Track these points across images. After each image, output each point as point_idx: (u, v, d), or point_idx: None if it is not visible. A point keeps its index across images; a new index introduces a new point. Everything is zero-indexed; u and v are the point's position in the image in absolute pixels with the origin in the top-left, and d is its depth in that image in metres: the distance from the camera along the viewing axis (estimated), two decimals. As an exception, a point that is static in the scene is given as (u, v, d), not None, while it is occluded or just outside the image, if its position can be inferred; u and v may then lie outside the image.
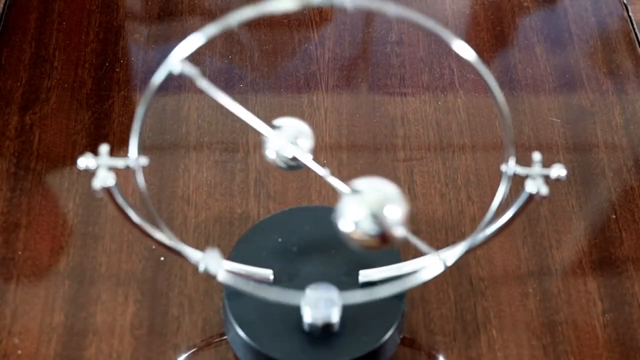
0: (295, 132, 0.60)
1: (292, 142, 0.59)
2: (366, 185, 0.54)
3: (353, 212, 0.53)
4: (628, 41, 0.88)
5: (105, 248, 0.71)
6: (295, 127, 0.60)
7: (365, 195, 0.53)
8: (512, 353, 0.67)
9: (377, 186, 0.54)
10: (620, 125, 0.81)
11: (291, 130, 0.60)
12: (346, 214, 0.53)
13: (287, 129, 0.60)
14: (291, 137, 0.59)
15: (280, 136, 0.59)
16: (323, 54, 0.85)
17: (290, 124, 0.60)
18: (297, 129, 0.60)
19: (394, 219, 0.53)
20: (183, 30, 0.86)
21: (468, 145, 0.79)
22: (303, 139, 0.60)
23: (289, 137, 0.59)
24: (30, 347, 0.66)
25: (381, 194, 0.53)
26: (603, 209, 0.76)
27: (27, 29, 0.86)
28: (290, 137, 0.59)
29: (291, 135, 0.59)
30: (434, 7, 0.89)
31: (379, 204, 0.53)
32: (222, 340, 0.67)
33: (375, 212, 0.53)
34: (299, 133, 0.60)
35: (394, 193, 0.53)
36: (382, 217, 0.53)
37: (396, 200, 0.53)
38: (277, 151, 0.59)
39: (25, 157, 0.77)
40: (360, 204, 0.53)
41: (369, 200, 0.53)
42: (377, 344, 0.63)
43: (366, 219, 0.53)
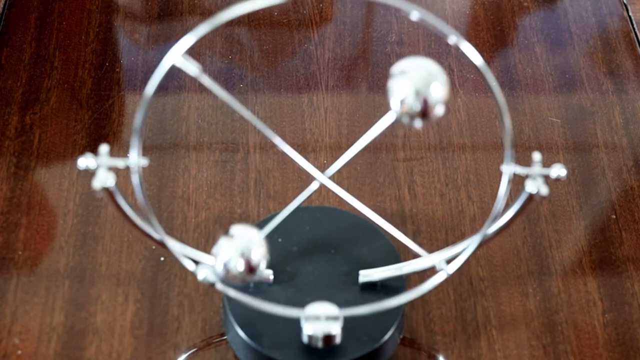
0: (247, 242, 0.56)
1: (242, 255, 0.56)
2: (411, 64, 0.54)
3: (399, 89, 0.53)
4: (628, 41, 0.88)
5: (105, 248, 0.71)
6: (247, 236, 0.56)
7: (411, 74, 0.53)
8: (512, 353, 0.67)
9: (422, 65, 0.54)
10: (620, 125, 0.81)
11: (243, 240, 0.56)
12: (394, 92, 0.54)
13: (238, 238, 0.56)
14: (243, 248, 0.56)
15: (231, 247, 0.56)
16: (323, 54, 0.85)
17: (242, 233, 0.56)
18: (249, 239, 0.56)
19: (437, 96, 0.53)
20: (183, 30, 0.86)
21: (468, 145, 0.79)
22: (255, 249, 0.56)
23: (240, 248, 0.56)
24: (30, 347, 0.66)
25: (426, 72, 0.53)
26: (603, 209, 0.76)
27: (27, 29, 0.86)
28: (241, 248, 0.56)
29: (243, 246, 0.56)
30: (434, 7, 0.89)
31: (423, 81, 0.53)
32: (222, 340, 0.67)
33: (419, 89, 0.53)
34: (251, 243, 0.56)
35: (437, 71, 0.53)
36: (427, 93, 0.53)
37: (439, 78, 0.53)
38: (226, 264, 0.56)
39: (25, 157, 0.77)
40: (406, 81, 0.53)
41: (413, 78, 0.53)
42: (377, 344, 0.63)
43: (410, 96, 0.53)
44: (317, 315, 0.61)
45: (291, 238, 0.67)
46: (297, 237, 0.67)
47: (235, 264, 0.55)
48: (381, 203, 0.75)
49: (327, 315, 0.61)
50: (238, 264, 0.55)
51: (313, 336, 0.61)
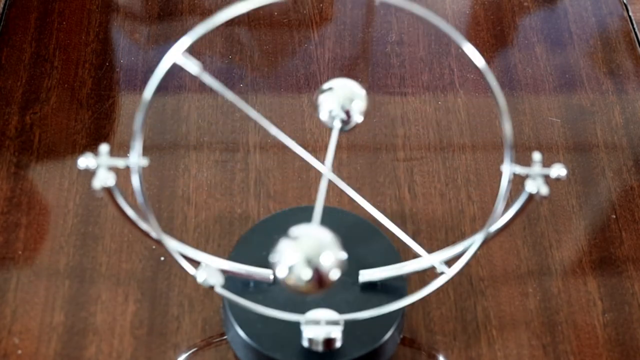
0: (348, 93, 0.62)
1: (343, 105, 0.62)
2: (302, 231, 0.52)
3: (288, 257, 0.51)
4: (628, 41, 0.88)
5: (105, 248, 0.71)
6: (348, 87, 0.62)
7: (301, 242, 0.51)
8: (512, 353, 0.67)
9: (313, 233, 0.52)
10: (620, 125, 0.81)
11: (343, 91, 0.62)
12: (282, 260, 0.51)
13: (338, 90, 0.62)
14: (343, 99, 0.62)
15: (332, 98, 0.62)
16: (323, 54, 0.85)
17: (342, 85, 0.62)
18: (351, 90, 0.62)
19: (329, 264, 0.51)
20: (183, 30, 0.86)
21: (468, 145, 0.79)
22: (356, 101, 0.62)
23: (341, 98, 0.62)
24: (30, 347, 0.66)
25: (316, 240, 0.51)
26: (603, 209, 0.76)
27: (27, 29, 0.86)
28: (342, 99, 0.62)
29: (343, 97, 0.62)
30: (434, 7, 0.89)
31: (314, 250, 0.51)
32: (222, 340, 0.67)
33: (310, 258, 0.50)
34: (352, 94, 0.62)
35: (329, 239, 0.51)
36: (318, 262, 0.50)
37: (331, 246, 0.51)
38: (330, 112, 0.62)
39: (25, 157, 0.77)
40: (295, 250, 0.51)
41: (304, 247, 0.51)
42: (377, 344, 0.63)
43: (300, 264, 0.50)
44: (317, 319, 0.61)
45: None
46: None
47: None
48: (381, 203, 0.75)
49: (327, 319, 0.61)
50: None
51: (313, 340, 0.61)
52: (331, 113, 0.61)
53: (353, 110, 0.61)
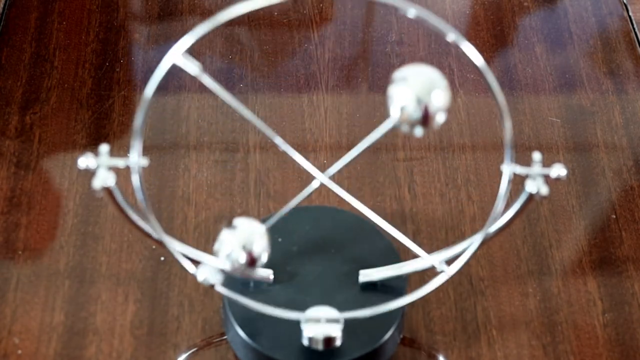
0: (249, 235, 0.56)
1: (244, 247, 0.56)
2: (412, 71, 0.53)
3: (399, 96, 0.53)
4: (628, 41, 0.88)
5: (105, 248, 0.71)
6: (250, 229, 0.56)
7: (411, 81, 0.53)
8: (512, 353, 0.67)
9: (423, 71, 0.53)
10: (620, 125, 0.81)
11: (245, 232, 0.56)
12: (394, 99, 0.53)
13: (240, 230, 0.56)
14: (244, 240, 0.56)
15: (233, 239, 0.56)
16: (323, 54, 0.85)
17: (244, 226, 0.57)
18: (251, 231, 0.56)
19: (438, 104, 0.52)
20: (183, 30, 0.86)
21: (468, 145, 0.79)
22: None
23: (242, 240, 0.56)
24: (30, 347, 0.66)
25: (427, 79, 0.53)
26: (603, 209, 0.76)
27: (27, 29, 0.86)
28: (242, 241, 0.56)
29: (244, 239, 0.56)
30: (434, 7, 0.89)
31: (424, 89, 0.52)
32: (222, 340, 0.67)
33: (420, 97, 0.52)
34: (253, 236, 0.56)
35: (438, 79, 0.53)
36: (428, 101, 0.52)
37: (441, 85, 0.53)
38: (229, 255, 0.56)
39: (26, 157, 0.77)
40: (406, 89, 0.53)
41: (414, 85, 0.53)
42: (377, 344, 0.63)
43: (411, 103, 0.53)
44: (317, 318, 0.61)
45: (291, 238, 0.67)
46: (297, 237, 0.67)
47: (237, 256, 0.55)
48: (381, 203, 0.75)
49: (327, 318, 0.61)
50: (240, 256, 0.55)
51: (313, 339, 0.61)
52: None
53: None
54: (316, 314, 0.61)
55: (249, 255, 0.55)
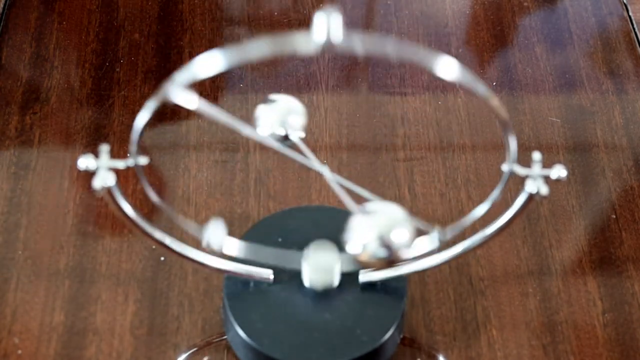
0: (286, 108, 0.60)
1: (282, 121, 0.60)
2: (375, 207, 0.52)
3: (361, 234, 0.51)
4: (628, 41, 0.88)
5: (105, 248, 0.71)
6: (287, 104, 0.60)
7: (374, 218, 0.52)
8: (512, 353, 0.67)
9: (385, 209, 0.52)
10: (620, 125, 0.81)
11: (283, 106, 0.60)
12: (354, 236, 0.52)
13: (279, 104, 0.60)
14: (283, 114, 0.60)
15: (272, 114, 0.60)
16: (323, 54, 0.85)
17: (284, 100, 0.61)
18: (289, 106, 0.60)
19: (402, 242, 0.51)
20: (183, 30, 0.86)
21: (468, 145, 0.79)
22: (294, 116, 0.60)
23: (281, 114, 0.60)
24: (30, 347, 0.66)
25: (389, 216, 0.52)
26: (603, 209, 0.76)
27: (27, 29, 0.86)
28: (281, 115, 0.60)
29: (283, 112, 0.60)
30: (434, 7, 0.89)
31: (387, 227, 0.51)
32: (222, 340, 0.67)
33: (382, 235, 0.51)
34: (291, 110, 0.60)
35: (401, 216, 0.52)
36: (390, 240, 0.51)
37: (403, 222, 0.52)
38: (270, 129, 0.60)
39: (26, 157, 0.77)
40: (369, 226, 0.51)
41: (377, 223, 0.51)
42: (377, 344, 0.63)
43: (374, 242, 0.51)
44: (316, 264, 0.61)
45: (291, 238, 0.67)
46: (297, 237, 0.67)
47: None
48: (381, 203, 0.75)
49: (325, 266, 0.61)
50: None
51: (313, 281, 0.62)
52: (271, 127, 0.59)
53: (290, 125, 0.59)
54: (316, 259, 0.61)
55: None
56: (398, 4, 0.89)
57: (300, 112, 0.60)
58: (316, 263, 0.61)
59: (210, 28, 0.86)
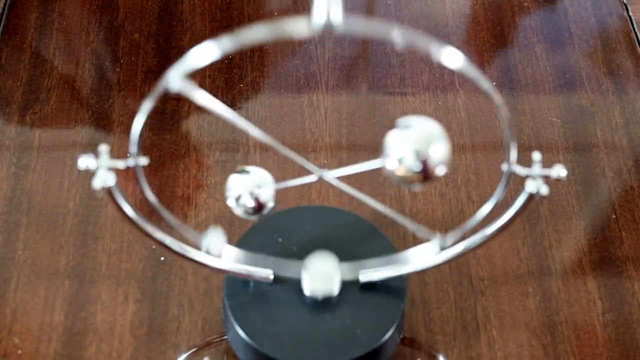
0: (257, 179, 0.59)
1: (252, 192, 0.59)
2: (412, 122, 0.53)
3: (397, 149, 0.53)
4: (628, 41, 0.88)
5: (105, 248, 0.71)
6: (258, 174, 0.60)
7: (411, 132, 0.52)
8: (512, 353, 0.67)
9: (423, 124, 0.53)
10: (620, 125, 0.81)
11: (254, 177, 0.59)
12: (391, 152, 0.53)
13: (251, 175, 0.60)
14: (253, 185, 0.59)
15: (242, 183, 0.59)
16: (323, 54, 0.85)
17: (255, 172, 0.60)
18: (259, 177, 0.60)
19: (438, 157, 0.52)
20: (183, 30, 0.86)
21: (468, 145, 0.79)
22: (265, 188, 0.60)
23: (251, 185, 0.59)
24: (30, 347, 0.66)
25: (426, 132, 0.52)
26: (603, 209, 0.76)
27: (27, 29, 0.86)
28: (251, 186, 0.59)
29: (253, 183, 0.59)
30: (434, 7, 0.89)
31: (424, 141, 0.52)
32: (222, 340, 0.67)
33: (419, 150, 0.52)
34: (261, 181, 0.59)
35: (438, 131, 0.53)
36: (427, 154, 0.52)
37: (440, 138, 0.52)
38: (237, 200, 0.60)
39: (26, 157, 0.77)
40: (404, 140, 0.52)
41: (414, 137, 0.52)
42: (377, 344, 0.63)
43: (410, 156, 0.52)
44: (316, 273, 0.61)
45: (291, 238, 0.67)
46: (297, 237, 0.67)
47: (246, 200, 0.58)
48: (381, 203, 0.75)
49: (325, 274, 0.62)
50: (248, 201, 0.58)
51: (313, 290, 0.62)
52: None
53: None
54: (316, 268, 0.62)
55: (256, 201, 0.58)
56: (398, 4, 0.89)
57: (270, 183, 0.60)
58: (316, 272, 0.61)
59: (210, 28, 0.86)
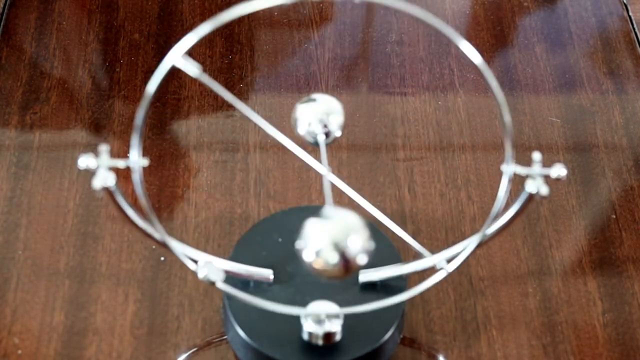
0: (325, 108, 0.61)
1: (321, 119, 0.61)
2: (332, 212, 0.52)
3: (316, 240, 0.51)
4: (628, 41, 0.88)
5: (105, 248, 0.71)
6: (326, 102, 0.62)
7: (329, 224, 0.51)
8: (512, 353, 0.67)
9: (342, 215, 0.51)
10: (620, 125, 0.81)
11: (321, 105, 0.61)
12: (309, 243, 0.51)
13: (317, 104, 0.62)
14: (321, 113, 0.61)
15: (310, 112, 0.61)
16: (323, 54, 0.85)
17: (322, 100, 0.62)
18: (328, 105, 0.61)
19: (356, 248, 0.50)
20: (183, 30, 0.86)
21: (468, 145, 0.79)
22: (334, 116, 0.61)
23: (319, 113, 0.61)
24: (30, 347, 0.66)
25: (344, 223, 0.51)
26: (603, 209, 0.76)
27: (27, 29, 0.86)
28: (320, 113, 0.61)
29: (321, 111, 0.61)
30: (434, 7, 0.89)
31: (342, 233, 0.50)
32: (222, 340, 0.67)
33: (337, 241, 0.50)
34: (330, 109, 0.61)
35: (356, 222, 0.51)
36: (345, 246, 0.50)
37: (358, 229, 0.50)
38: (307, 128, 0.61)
39: (26, 157, 0.77)
40: (322, 232, 0.51)
41: (331, 229, 0.50)
42: (377, 344, 0.63)
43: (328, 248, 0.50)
44: (317, 313, 0.61)
45: (291, 238, 0.67)
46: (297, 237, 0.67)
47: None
48: (381, 203, 0.75)
49: (327, 313, 0.61)
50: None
51: (313, 334, 0.61)
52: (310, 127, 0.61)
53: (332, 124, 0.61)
54: (316, 309, 0.61)
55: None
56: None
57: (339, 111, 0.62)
58: (316, 318, 0.61)
59: (210, 28, 0.86)
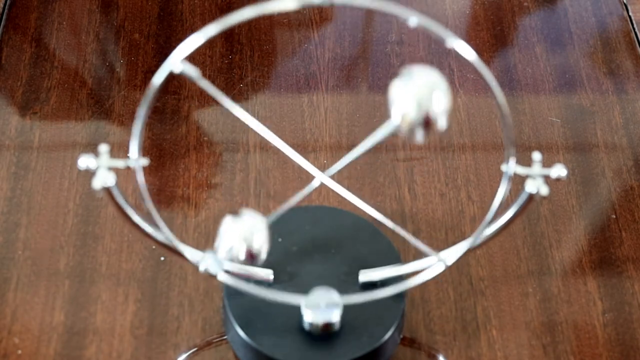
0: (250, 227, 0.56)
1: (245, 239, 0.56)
2: (415, 70, 0.52)
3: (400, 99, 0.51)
4: (628, 41, 0.88)
5: (105, 248, 0.71)
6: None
7: (413, 81, 0.51)
8: (512, 353, 0.67)
9: (426, 73, 0.51)
10: (620, 125, 0.81)
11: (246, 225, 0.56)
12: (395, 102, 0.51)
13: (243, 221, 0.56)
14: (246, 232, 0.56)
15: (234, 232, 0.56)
16: (323, 54, 0.85)
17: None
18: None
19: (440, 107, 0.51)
20: (183, 30, 0.86)
21: (468, 145, 0.79)
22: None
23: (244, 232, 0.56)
24: (30, 347, 0.66)
25: (429, 81, 0.51)
26: (603, 209, 0.76)
27: (27, 29, 0.86)
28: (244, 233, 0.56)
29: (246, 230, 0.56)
30: (434, 7, 0.89)
31: (426, 90, 0.51)
32: (222, 340, 0.67)
33: (420, 99, 0.51)
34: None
35: (440, 81, 0.51)
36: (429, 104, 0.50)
37: (442, 88, 0.51)
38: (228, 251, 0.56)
39: (26, 157, 0.77)
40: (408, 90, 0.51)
41: (416, 87, 0.51)
42: (377, 344, 0.63)
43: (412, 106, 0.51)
44: (318, 302, 0.61)
45: (291, 238, 0.67)
46: (297, 237, 0.67)
47: (238, 251, 0.55)
48: (381, 203, 0.75)
49: (328, 302, 0.61)
50: (240, 252, 0.55)
51: (313, 324, 0.61)
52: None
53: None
54: (317, 297, 0.61)
55: (248, 251, 0.55)
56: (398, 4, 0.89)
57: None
58: (317, 305, 0.61)
59: (210, 28, 0.86)
